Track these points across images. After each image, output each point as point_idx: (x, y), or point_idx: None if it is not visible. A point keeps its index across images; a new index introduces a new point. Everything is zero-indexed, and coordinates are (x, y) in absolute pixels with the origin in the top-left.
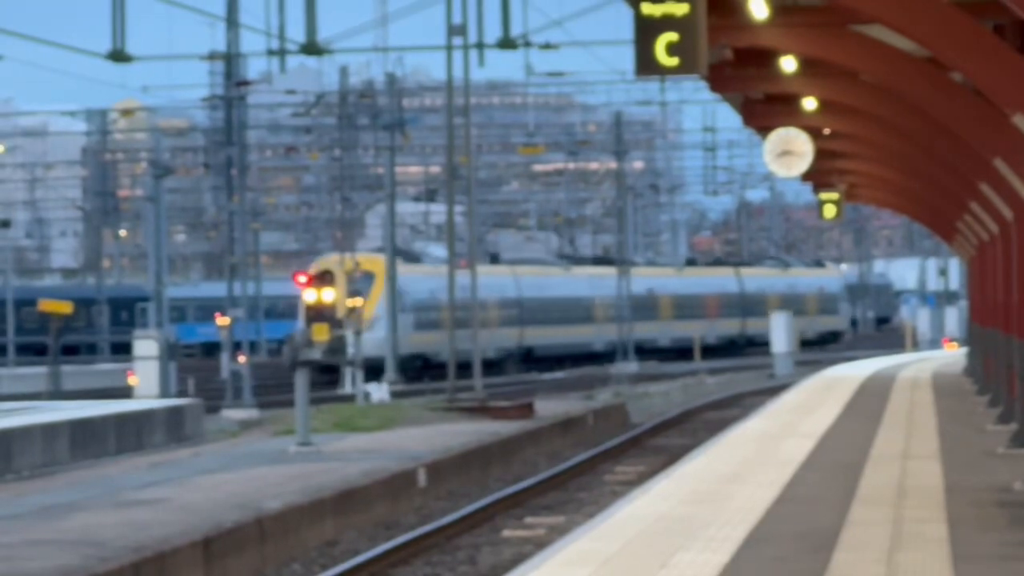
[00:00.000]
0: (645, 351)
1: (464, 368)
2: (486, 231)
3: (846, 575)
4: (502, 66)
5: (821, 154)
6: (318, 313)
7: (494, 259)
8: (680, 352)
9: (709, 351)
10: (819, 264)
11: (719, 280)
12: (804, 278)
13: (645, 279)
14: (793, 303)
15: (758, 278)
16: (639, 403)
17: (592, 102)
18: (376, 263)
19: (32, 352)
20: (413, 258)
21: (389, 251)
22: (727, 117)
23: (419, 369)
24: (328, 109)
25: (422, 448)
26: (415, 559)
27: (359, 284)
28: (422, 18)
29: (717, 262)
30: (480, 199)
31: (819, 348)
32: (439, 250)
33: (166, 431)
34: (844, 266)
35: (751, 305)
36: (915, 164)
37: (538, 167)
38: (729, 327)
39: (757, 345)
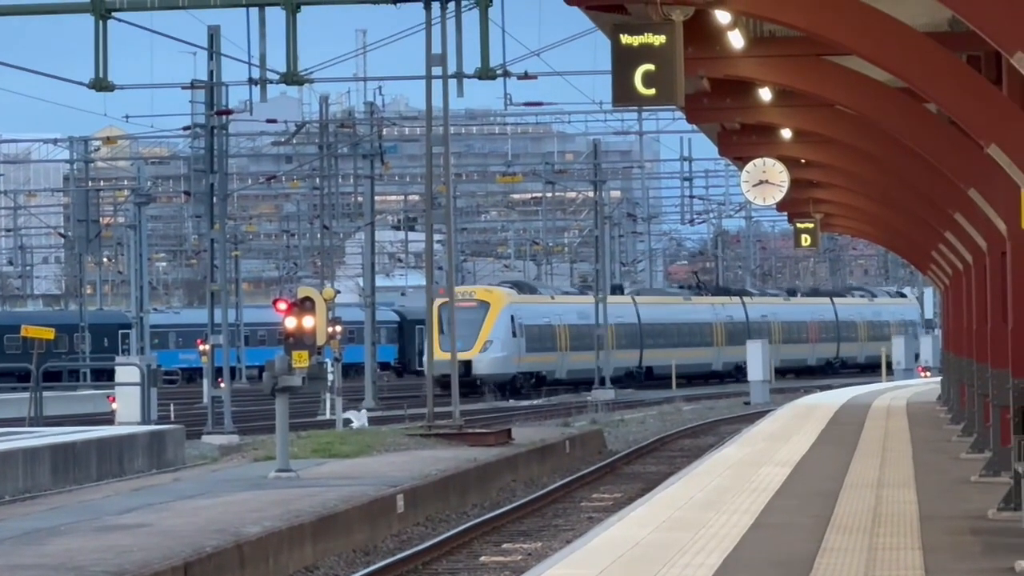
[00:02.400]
0: None
1: (584, 385)
2: (464, 259)
3: None
4: (481, 96)
5: (797, 184)
6: (298, 339)
7: (615, 290)
8: (783, 373)
9: (808, 372)
10: (901, 294)
11: (818, 308)
12: (888, 307)
13: (759, 307)
14: (879, 329)
15: (849, 307)
16: (616, 430)
17: (570, 131)
18: (492, 294)
19: (14, 378)
20: (530, 289)
21: (364, 279)
22: (704, 147)
23: (532, 385)
24: (308, 138)
25: (400, 474)
26: None
27: (475, 312)
28: (401, 48)
29: (814, 292)
30: (459, 227)
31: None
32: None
33: (147, 456)
34: None
35: (845, 331)
36: (890, 194)
37: (516, 196)
38: (827, 351)
39: (849, 367)
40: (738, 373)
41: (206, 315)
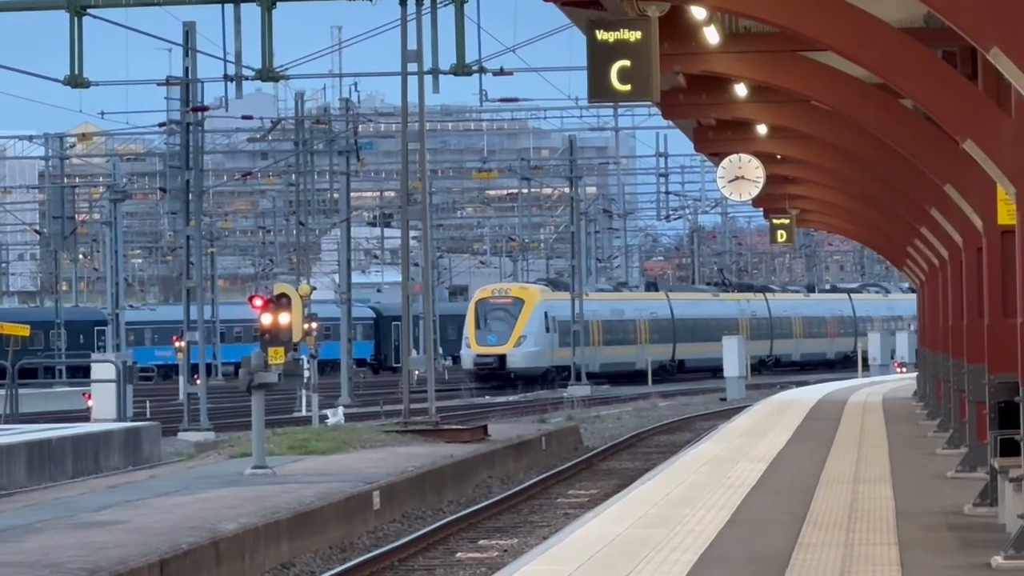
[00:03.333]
0: (782, 364)
1: (619, 378)
2: (440, 256)
3: None
4: (456, 92)
5: (773, 179)
6: (274, 336)
7: (650, 287)
8: (803, 366)
9: (830, 365)
10: (912, 290)
11: (837, 304)
12: (900, 303)
13: (781, 303)
14: (893, 323)
15: (866, 303)
16: (592, 426)
17: (545, 127)
18: (527, 291)
19: None
20: (565, 286)
21: (340, 275)
22: (680, 142)
23: (563, 378)
24: (284, 134)
25: (377, 471)
26: None
27: (511, 309)
28: (377, 45)
29: (834, 289)
30: (435, 223)
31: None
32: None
33: (123, 453)
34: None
35: (861, 325)
36: (866, 190)
37: (492, 192)
38: (845, 344)
39: (865, 360)
40: (761, 366)
41: (182, 312)
